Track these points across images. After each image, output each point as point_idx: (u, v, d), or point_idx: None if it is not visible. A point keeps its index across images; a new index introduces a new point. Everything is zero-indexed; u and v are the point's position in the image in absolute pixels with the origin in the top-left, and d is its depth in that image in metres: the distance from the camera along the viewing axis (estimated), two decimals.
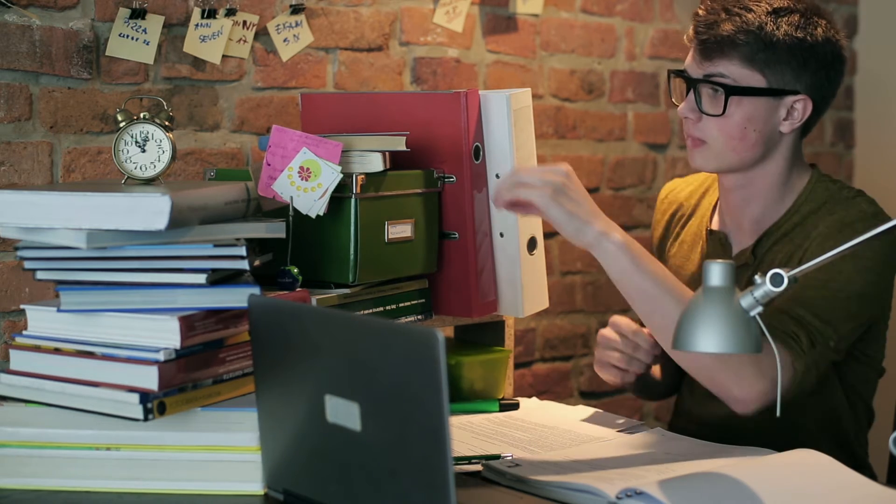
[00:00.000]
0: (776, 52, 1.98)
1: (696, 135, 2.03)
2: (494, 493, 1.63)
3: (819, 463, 1.65)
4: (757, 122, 2.00)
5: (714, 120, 2.00)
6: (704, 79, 2.00)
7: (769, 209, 2.07)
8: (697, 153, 2.04)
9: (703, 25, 2.00)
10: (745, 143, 2.01)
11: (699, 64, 2.01)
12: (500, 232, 2.06)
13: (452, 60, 2.61)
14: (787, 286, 1.62)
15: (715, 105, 2.00)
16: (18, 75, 2.05)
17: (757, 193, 2.07)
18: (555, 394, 2.87)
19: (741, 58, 1.98)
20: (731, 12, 1.99)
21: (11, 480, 1.61)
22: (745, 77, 1.98)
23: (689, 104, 2.02)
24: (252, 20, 2.27)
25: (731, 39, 1.97)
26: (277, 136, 1.90)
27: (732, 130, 2.00)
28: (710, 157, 2.03)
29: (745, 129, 2.00)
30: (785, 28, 1.98)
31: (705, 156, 2.03)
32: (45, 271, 1.65)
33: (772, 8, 1.99)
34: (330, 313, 1.52)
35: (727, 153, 2.02)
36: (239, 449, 1.59)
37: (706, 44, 1.99)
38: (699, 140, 2.03)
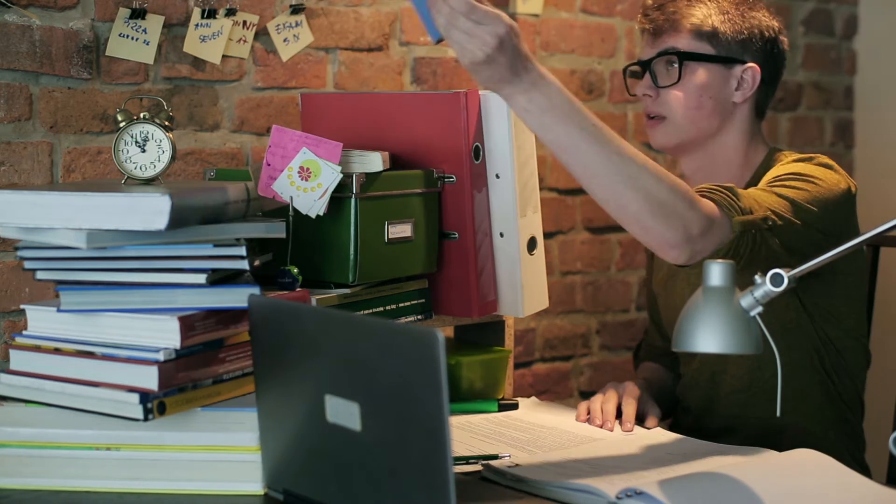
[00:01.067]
0: (720, 25, 2.12)
1: (656, 110, 2.15)
2: (494, 493, 1.63)
3: (819, 463, 1.65)
4: (710, 89, 2.13)
5: (671, 93, 2.13)
6: (658, 55, 2.14)
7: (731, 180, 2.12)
8: (658, 130, 2.16)
9: (652, 9, 2.16)
10: (701, 112, 2.13)
11: (651, 45, 2.17)
12: (500, 232, 2.07)
13: (452, 60, 2.61)
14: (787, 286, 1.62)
15: (670, 76, 2.13)
16: (18, 75, 2.05)
17: (717, 170, 2.16)
18: (555, 394, 2.87)
19: (689, 31, 2.13)
20: None
21: (11, 480, 1.61)
22: (695, 48, 2.13)
23: (645, 83, 2.16)
24: (252, 20, 2.27)
25: (679, 15, 2.14)
26: (277, 136, 1.90)
27: (689, 100, 2.12)
28: (670, 131, 2.15)
29: (701, 97, 2.12)
30: (725, 5, 2.14)
31: (665, 131, 2.15)
32: (45, 271, 1.65)
33: None
34: (330, 313, 1.52)
35: (686, 125, 2.14)
36: (239, 449, 1.59)
37: (656, 24, 2.15)
38: (659, 116, 2.15)
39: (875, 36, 3.47)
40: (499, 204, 2.06)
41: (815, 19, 3.38)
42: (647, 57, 2.17)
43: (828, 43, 3.42)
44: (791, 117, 3.33)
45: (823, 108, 3.42)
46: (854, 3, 3.48)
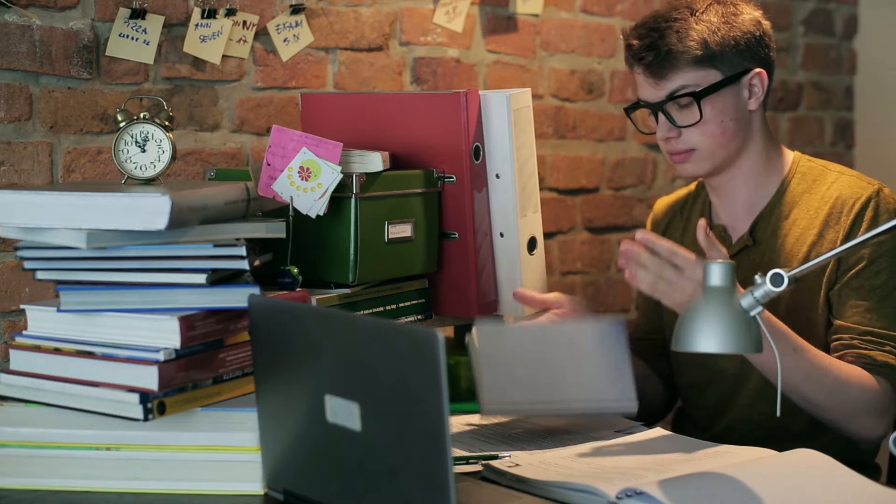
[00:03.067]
0: (716, 45, 2.06)
1: (682, 148, 2.09)
2: (494, 493, 1.63)
3: (819, 463, 1.65)
4: (729, 110, 2.08)
5: (693, 128, 2.07)
6: (669, 98, 2.07)
7: (759, 189, 2.15)
8: (689, 164, 2.11)
9: (643, 51, 2.07)
10: (727, 135, 2.09)
11: (654, 86, 2.08)
12: (500, 232, 2.07)
13: (452, 60, 2.61)
14: (787, 286, 1.62)
15: (689, 115, 2.07)
16: (18, 75, 2.05)
17: (744, 177, 2.14)
18: None
19: (691, 63, 2.05)
20: (659, 29, 2.07)
21: (11, 480, 1.61)
22: (703, 78, 2.06)
23: (664, 126, 2.09)
24: (252, 20, 2.27)
25: (674, 52, 2.05)
26: (277, 136, 1.90)
27: (713, 129, 2.08)
28: (700, 161, 2.10)
29: (723, 122, 2.08)
30: (713, 22, 2.07)
31: (696, 162, 2.10)
32: (45, 271, 1.65)
33: (691, 10, 2.08)
34: (330, 313, 1.52)
35: (716, 151, 2.09)
36: (239, 449, 1.59)
37: (653, 66, 2.06)
38: (686, 151, 2.10)
39: (875, 36, 3.47)
40: (499, 204, 2.06)
41: (815, 19, 3.38)
42: (656, 99, 2.08)
43: (828, 43, 3.42)
44: (791, 117, 3.33)
45: (823, 108, 3.42)
46: (854, 3, 3.48)
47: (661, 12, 2.10)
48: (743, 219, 2.16)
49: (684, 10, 2.08)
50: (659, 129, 2.10)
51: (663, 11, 2.10)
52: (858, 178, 2.14)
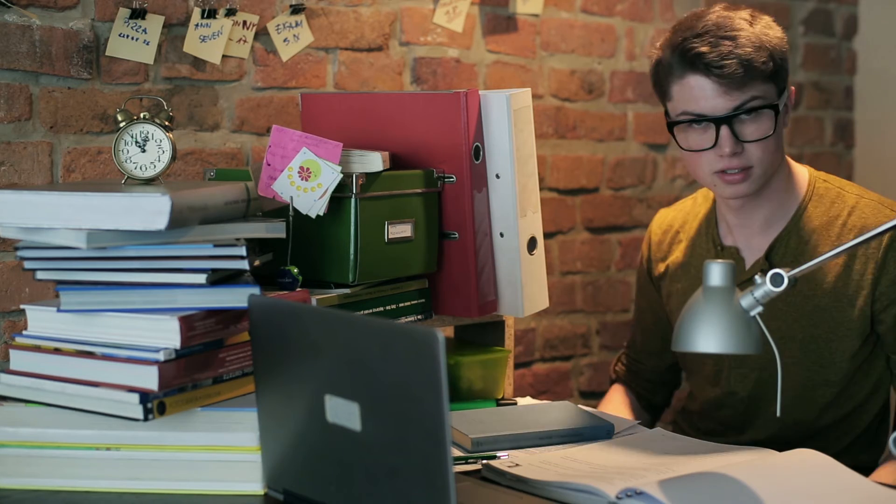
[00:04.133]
0: (780, 58, 2.00)
1: (743, 164, 1.99)
2: (494, 493, 1.63)
3: (819, 463, 1.65)
4: (781, 128, 2.03)
5: (756, 144, 1.97)
6: (741, 111, 1.96)
7: (778, 210, 2.08)
8: (744, 183, 2.00)
9: (721, 58, 1.93)
10: (779, 152, 2.03)
11: (725, 97, 1.95)
12: (500, 232, 2.07)
13: (452, 60, 2.61)
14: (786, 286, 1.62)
15: (760, 128, 1.97)
16: (18, 75, 2.05)
17: (767, 196, 2.07)
18: (555, 394, 2.87)
19: (763, 75, 1.97)
20: (734, 38, 1.95)
21: (11, 480, 1.61)
22: (769, 92, 1.99)
23: (730, 141, 1.96)
24: (252, 20, 2.27)
25: (754, 62, 1.95)
26: (277, 136, 1.90)
27: (773, 146, 2.00)
28: (756, 179, 2.01)
29: (779, 139, 2.01)
30: (769, 34, 1.99)
31: (752, 181, 2.01)
32: (45, 271, 1.65)
33: (748, 20, 1.99)
34: (330, 313, 1.52)
35: (769, 169, 2.02)
36: (239, 449, 1.59)
37: (731, 75, 1.94)
38: (746, 168, 1.99)
39: (875, 36, 3.47)
40: (499, 204, 2.06)
41: (815, 19, 3.38)
42: (724, 111, 1.96)
43: (828, 43, 3.42)
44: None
45: (823, 108, 3.42)
46: (854, 3, 3.48)
47: (720, 21, 1.97)
48: (759, 241, 2.10)
49: (740, 20, 1.98)
50: (724, 143, 1.96)
51: (720, 20, 1.98)
52: (880, 203, 2.08)
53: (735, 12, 2.00)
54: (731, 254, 2.11)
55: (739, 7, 2.03)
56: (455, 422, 1.83)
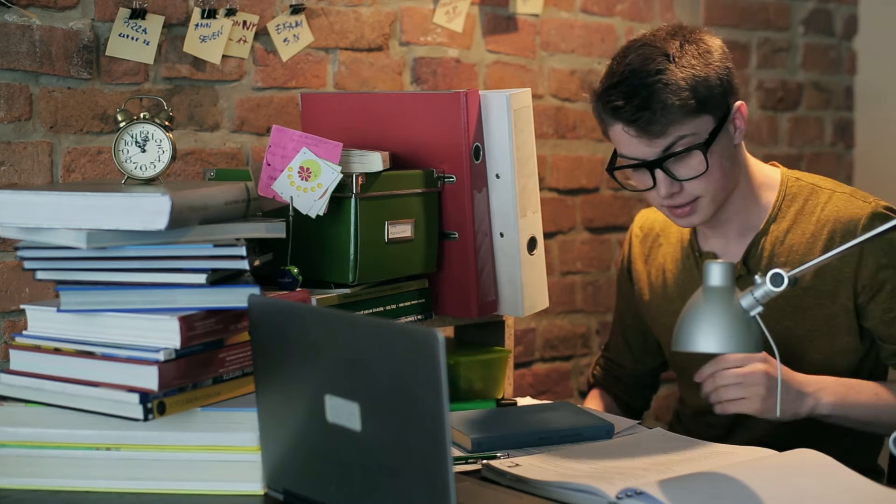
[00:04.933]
0: (705, 90, 1.96)
1: (686, 200, 2.01)
2: (494, 493, 1.63)
3: (819, 463, 1.65)
4: (725, 152, 2.01)
5: (696, 178, 1.98)
6: (669, 154, 1.96)
7: (749, 213, 2.10)
8: (694, 214, 2.03)
9: (635, 111, 1.94)
10: (726, 176, 2.02)
11: (648, 144, 1.96)
12: (500, 232, 2.06)
13: (452, 60, 2.61)
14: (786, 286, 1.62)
15: (691, 167, 1.98)
16: (18, 75, 2.05)
17: (736, 207, 2.09)
18: (555, 394, 2.87)
19: (685, 114, 1.95)
20: (647, 85, 1.94)
21: (11, 480, 1.61)
22: (698, 126, 1.97)
23: (665, 183, 1.98)
24: (252, 20, 2.27)
25: (670, 106, 1.93)
26: (277, 136, 1.90)
27: (716, 175, 2.00)
28: (705, 208, 2.03)
29: (722, 165, 2.00)
30: (695, 66, 1.96)
31: (701, 211, 2.03)
32: (45, 271, 1.65)
33: (668, 56, 1.96)
34: (330, 313, 1.52)
35: (718, 195, 2.03)
36: (239, 449, 1.59)
37: (648, 126, 1.94)
38: (691, 203, 2.01)
39: (875, 36, 3.47)
40: (499, 204, 2.06)
41: (815, 19, 3.38)
42: (651, 156, 1.97)
43: (828, 43, 3.42)
44: (791, 117, 3.33)
45: (823, 108, 3.42)
46: (854, 3, 3.48)
47: (636, 66, 1.96)
48: (735, 245, 2.11)
49: (660, 58, 1.95)
50: (660, 186, 1.98)
51: (637, 64, 1.96)
52: (852, 195, 2.08)
53: (663, 44, 1.98)
54: (709, 258, 2.11)
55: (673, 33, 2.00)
56: (455, 422, 1.83)
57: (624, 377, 2.36)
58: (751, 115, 3.18)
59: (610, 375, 2.37)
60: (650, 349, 2.31)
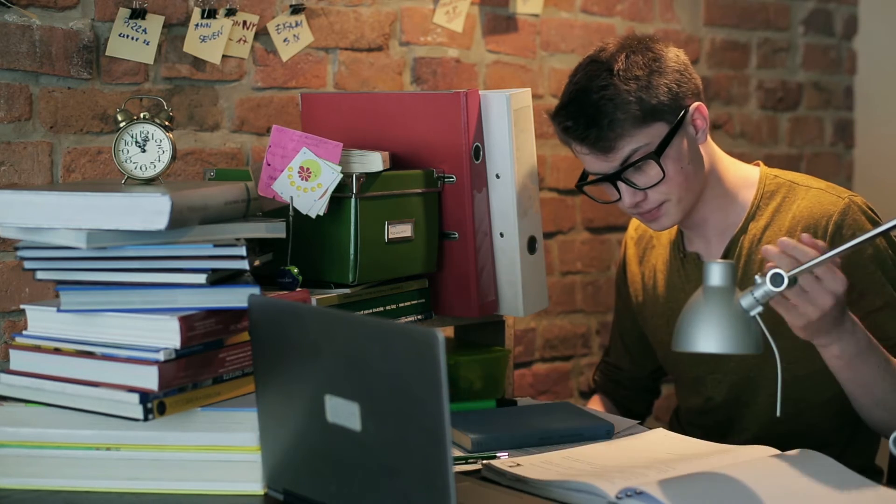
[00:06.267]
0: (653, 98, 1.99)
1: (651, 206, 2.04)
2: (494, 493, 1.63)
3: (819, 463, 1.65)
4: (685, 155, 2.03)
5: (657, 185, 2.01)
6: (625, 167, 2.00)
7: (726, 212, 2.11)
8: (662, 218, 2.06)
9: (583, 130, 1.99)
10: (690, 178, 2.04)
11: (605, 160, 2.01)
12: (500, 232, 2.07)
13: (452, 60, 2.61)
14: (786, 286, 1.62)
15: (649, 175, 2.01)
16: (18, 75, 2.05)
17: (710, 206, 2.10)
18: (555, 394, 2.87)
19: (634, 126, 1.98)
20: (591, 102, 1.99)
21: (11, 480, 1.61)
22: (651, 134, 2.00)
23: (629, 194, 2.03)
24: (252, 20, 2.27)
25: (616, 121, 1.97)
26: (277, 136, 1.90)
27: (677, 178, 2.02)
28: (673, 210, 2.05)
29: (683, 168, 2.02)
30: (636, 75, 1.99)
31: (669, 213, 2.05)
32: (45, 271, 1.65)
33: (611, 71, 2.00)
34: (330, 313, 1.52)
35: (685, 196, 2.04)
36: (239, 449, 1.59)
37: (598, 143, 1.99)
38: (657, 207, 2.04)
39: (875, 36, 3.47)
40: (499, 204, 2.06)
41: (815, 19, 3.38)
42: (611, 171, 2.02)
43: (828, 43, 3.42)
44: (791, 117, 3.33)
45: (823, 108, 3.42)
46: (854, 3, 3.48)
47: (582, 84, 2.01)
48: (716, 245, 2.13)
49: (605, 73, 2.00)
50: (624, 197, 2.03)
51: (584, 83, 2.01)
52: (826, 190, 2.08)
53: (609, 58, 2.01)
54: (693, 259, 2.15)
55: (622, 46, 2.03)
56: (455, 422, 1.83)
57: (624, 381, 2.37)
58: (750, 114, 3.19)
59: (610, 380, 2.38)
60: (648, 352, 2.31)
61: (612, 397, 2.36)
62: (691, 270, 2.15)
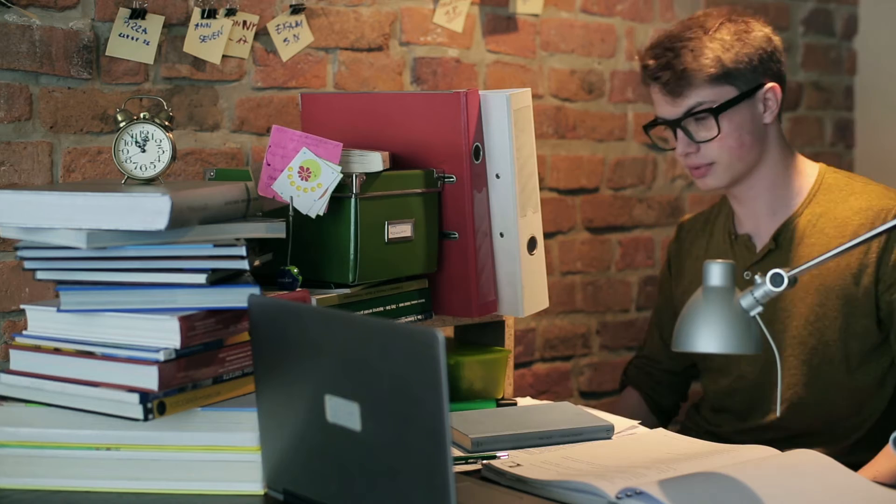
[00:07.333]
0: (731, 62, 2.14)
1: (701, 162, 2.17)
2: (494, 493, 1.63)
3: (819, 464, 1.65)
4: (746, 124, 2.16)
5: (711, 142, 2.14)
6: (687, 115, 2.16)
7: (781, 198, 2.21)
8: (709, 177, 2.19)
9: (659, 70, 2.17)
10: (744, 148, 2.16)
11: (671, 104, 2.18)
12: (500, 232, 2.07)
13: (452, 60, 2.61)
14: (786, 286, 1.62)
15: (707, 130, 2.16)
16: (18, 75, 2.05)
17: (763, 186, 2.21)
18: (555, 394, 2.87)
19: (707, 81, 2.15)
20: (675, 49, 2.15)
21: (11, 480, 1.61)
22: (719, 94, 2.14)
23: (683, 142, 2.18)
24: (252, 20, 2.27)
25: (690, 70, 2.14)
26: (277, 136, 1.90)
27: (731, 143, 2.15)
28: (720, 174, 2.18)
29: (741, 136, 2.15)
30: (727, 40, 2.14)
31: (716, 175, 2.18)
32: (45, 271, 1.65)
33: (704, 29, 2.15)
34: (330, 313, 1.52)
35: (735, 164, 2.17)
36: (239, 449, 1.59)
37: (670, 84, 2.16)
38: (706, 165, 2.17)
39: (875, 36, 3.47)
40: (499, 204, 2.06)
41: (815, 19, 3.38)
42: (673, 116, 2.18)
43: (828, 43, 3.42)
44: (791, 117, 3.33)
45: (823, 108, 3.42)
46: (854, 3, 3.48)
47: (675, 32, 2.18)
48: (766, 226, 2.22)
49: (697, 29, 2.16)
50: (678, 145, 2.18)
51: (677, 31, 2.18)
52: (886, 189, 2.20)
53: (705, 19, 2.18)
54: (744, 241, 2.25)
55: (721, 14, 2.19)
56: (455, 422, 1.83)
57: (657, 374, 2.43)
58: None
59: (643, 372, 2.44)
60: None
61: (643, 391, 2.43)
62: (739, 251, 2.24)
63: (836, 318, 2.14)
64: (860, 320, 2.13)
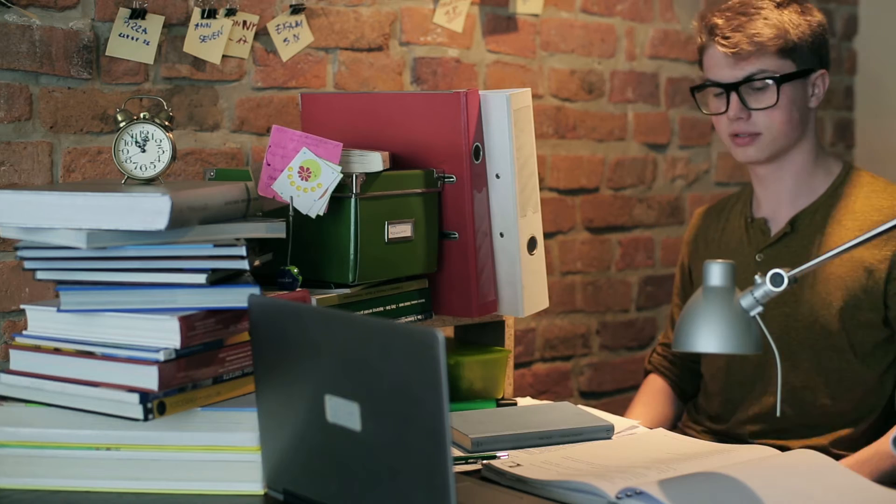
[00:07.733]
0: (797, 38, 2.17)
1: (750, 130, 2.18)
2: (494, 493, 1.63)
3: (819, 464, 1.65)
4: (797, 102, 2.19)
5: (765, 112, 2.17)
6: (748, 79, 2.17)
7: (802, 185, 2.24)
8: (752, 147, 2.20)
9: (730, 31, 2.17)
10: (791, 124, 2.19)
11: (733, 67, 2.18)
12: (500, 232, 2.07)
13: (452, 60, 2.61)
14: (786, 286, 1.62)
15: (765, 98, 2.17)
16: (18, 75, 2.05)
17: (791, 170, 2.23)
18: (555, 394, 2.87)
19: (774, 51, 2.16)
20: (748, 14, 2.17)
21: (11, 480, 1.61)
22: (780, 66, 2.18)
23: (736, 106, 2.18)
24: (252, 20, 2.27)
25: (761, 37, 2.15)
26: (277, 136, 1.90)
27: (783, 116, 2.17)
28: (764, 147, 2.19)
29: (791, 112, 2.18)
30: (794, 17, 2.18)
31: (760, 147, 2.19)
32: (45, 271, 1.65)
33: (776, 3, 2.19)
34: (330, 313, 1.52)
35: (780, 138, 2.19)
36: (239, 449, 1.59)
37: (736, 47, 2.16)
38: (753, 134, 2.18)
39: (875, 36, 3.47)
40: (499, 204, 2.06)
41: None
42: (732, 79, 2.18)
43: None
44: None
45: (823, 108, 3.42)
46: (854, 3, 3.48)
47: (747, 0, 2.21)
48: (785, 212, 2.25)
49: (769, 2, 2.19)
50: (731, 108, 2.18)
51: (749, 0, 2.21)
52: None
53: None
54: (759, 224, 2.26)
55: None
56: (455, 422, 1.83)
57: (678, 361, 2.43)
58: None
59: (665, 359, 2.45)
60: None
61: (666, 377, 2.43)
62: (754, 234, 2.26)
63: (844, 309, 2.14)
64: (866, 314, 2.14)
